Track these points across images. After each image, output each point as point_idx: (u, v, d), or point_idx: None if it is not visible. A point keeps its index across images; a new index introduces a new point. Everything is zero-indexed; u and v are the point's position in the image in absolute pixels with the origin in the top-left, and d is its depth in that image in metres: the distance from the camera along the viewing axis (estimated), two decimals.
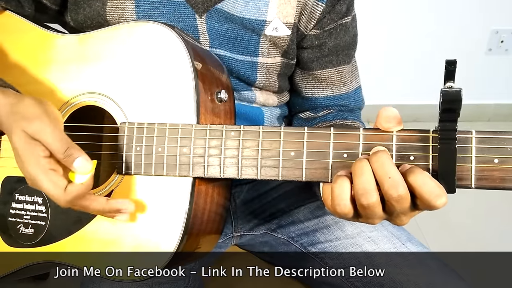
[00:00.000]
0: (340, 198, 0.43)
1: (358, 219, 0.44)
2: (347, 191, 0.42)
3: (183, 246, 0.52)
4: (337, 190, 0.43)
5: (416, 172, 0.40)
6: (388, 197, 0.41)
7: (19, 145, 0.47)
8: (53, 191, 0.47)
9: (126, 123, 0.54)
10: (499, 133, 0.40)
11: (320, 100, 0.71)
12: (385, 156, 0.41)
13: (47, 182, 0.47)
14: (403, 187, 0.40)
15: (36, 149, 0.47)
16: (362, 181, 0.41)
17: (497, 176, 0.40)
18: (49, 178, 0.47)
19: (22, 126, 0.47)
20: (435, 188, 0.40)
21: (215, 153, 0.50)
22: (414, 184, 0.40)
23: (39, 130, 0.47)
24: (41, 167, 0.47)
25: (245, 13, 0.61)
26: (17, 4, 0.62)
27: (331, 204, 0.44)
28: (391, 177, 0.40)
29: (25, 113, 0.48)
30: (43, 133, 0.47)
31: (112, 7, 0.60)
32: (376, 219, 0.43)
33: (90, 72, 0.57)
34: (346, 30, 0.67)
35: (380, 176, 0.41)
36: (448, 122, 0.39)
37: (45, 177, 0.47)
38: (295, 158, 0.47)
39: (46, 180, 0.47)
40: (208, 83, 0.54)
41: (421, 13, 1.82)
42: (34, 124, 0.47)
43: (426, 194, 0.40)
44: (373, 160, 0.42)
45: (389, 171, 0.41)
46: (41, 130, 0.47)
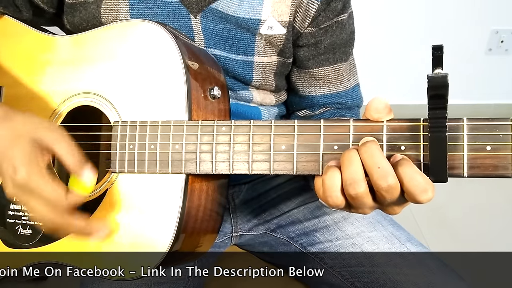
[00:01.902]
0: (331, 189, 0.42)
1: (350, 209, 0.44)
2: (338, 182, 0.42)
3: (177, 244, 0.52)
4: (328, 181, 0.42)
5: (404, 165, 0.40)
6: (378, 187, 0.40)
7: (21, 150, 0.48)
8: (55, 195, 0.48)
9: (119, 122, 0.54)
10: (491, 120, 0.39)
11: (317, 98, 0.71)
12: (374, 147, 0.41)
13: (48, 186, 0.47)
14: (393, 177, 0.40)
15: (42, 157, 0.49)
16: (350, 171, 0.41)
17: (490, 164, 0.39)
18: (50, 184, 0.48)
19: (35, 133, 0.49)
20: (421, 183, 0.39)
21: (206, 148, 0.50)
22: (401, 176, 0.40)
23: (55, 139, 0.49)
24: (43, 173, 0.48)
25: (239, 12, 0.62)
26: (15, 9, 0.63)
27: (323, 196, 0.44)
28: (380, 167, 0.40)
29: (40, 122, 0.50)
30: (59, 144, 0.49)
31: (107, 9, 0.60)
32: (366, 209, 0.42)
33: (84, 72, 0.57)
34: (342, 27, 0.67)
35: (369, 167, 0.40)
36: (438, 110, 0.38)
37: (46, 182, 0.48)
38: (286, 151, 0.46)
39: (47, 185, 0.47)
40: (201, 80, 0.54)
41: (421, 13, 1.82)
42: (52, 133, 0.49)
43: (412, 188, 0.39)
44: (362, 150, 0.41)
45: (378, 161, 0.40)
46: (58, 140, 0.49)
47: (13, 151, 0.48)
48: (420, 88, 1.58)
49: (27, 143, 0.48)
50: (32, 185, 0.47)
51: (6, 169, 0.48)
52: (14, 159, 0.48)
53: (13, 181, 0.48)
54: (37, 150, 0.48)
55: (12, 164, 0.47)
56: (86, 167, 0.49)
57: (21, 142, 0.48)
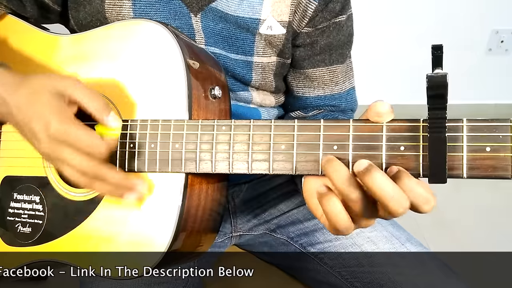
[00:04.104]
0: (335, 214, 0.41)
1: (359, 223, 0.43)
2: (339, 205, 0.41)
3: (177, 243, 0.52)
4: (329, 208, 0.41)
5: (403, 178, 0.39)
6: (394, 214, 0.39)
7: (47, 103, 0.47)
8: (91, 141, 0.46)
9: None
10: (491, 120, 0.39)
11: (311, 100, 0.71)
12: (378, 175, 0.39)
13: (83, 133, 0.46)
14: (407, 200, 0.38)
15: (70, 108, 0.48)
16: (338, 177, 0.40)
17: (489, 165, 0.39)
18: (86, 130, 0.46)
19: (54, 85, 0.48)
20: (422, 194, 0.38)
21: (206, 148, 0.50)
22: (402, 190, 0.39)
23: (74, 87, 0.48)
24: (76, 122, 0.47)
25: (239, 12, 0.62)
26: (19, 4, 0.62)
27: (329, 225, 0.43)
28: (394, 195, 0.38)
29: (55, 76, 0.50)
30: (79, 91, 0.48)
31: (110, 4, 0.61)
32: (370, 220, 0.42)
33: (85, 71, 0.57)
34: (339, 29, 0.66)
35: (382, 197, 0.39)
36: (437, 110, 0.38)
37: (80, 129, 0.46)
38: (285, 151, 0.46)
39: (81, 132, 0.46)
40: (202, 79, 0.54)
41: (421, 13, 1.82)
42: (70, 82, 0.48)
43: (414, 200, 0.38)
44: (366, 180, 0.39)
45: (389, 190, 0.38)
46: (77, 87, 0.48)
47: (39, 107, 0.47)
48: (420, 88, 1.57)
49: (52, 97, 0.47)
50: (68, 134, 0.46)
51: (36, 127, 0.46)
52: (43, 114, 0.46)
53: (48, 135, 0.46)
54: (62, 101, 0.47)
55: (43, 119, 0.46)
56: (111, 112, 0.48)
57: (44, 97, 0.47)
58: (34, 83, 0.49)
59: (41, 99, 0.47)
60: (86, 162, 0.46)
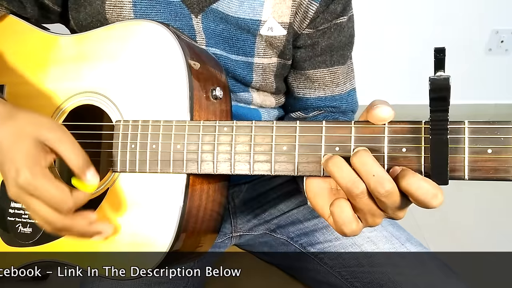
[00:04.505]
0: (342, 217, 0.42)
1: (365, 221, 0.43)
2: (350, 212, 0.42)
3: (178, 244, 0.52)
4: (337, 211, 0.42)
5: (407, 176, 0.39)
6: (376, 195, 0.40)
7: (24, 151, 0.47)
8: (59, 197, 0.46)
9: (121, 121, 0.54)
10: (492, 122, 0.39)
11: (311, 101, 0.71)
12: (365, 155, 0.40)
13: (52, 188, 0.46)
14: (389, 182, 0.39)
15: (46, 157, 0.48)
16: (343, 176, 0.41)
17: (491, 167, 0.39)
18: (55, 185, 0.47)
19: (39, 133, 0.47)
20: (429, 189, 0.38)
21: (208, 149, 0.50)
22: (407, 188, 0.39)
23: (59, 139, 0.48)
24: (47, 174, 0.47)
25: (240, 13, 0.62)
26: (19, 4, 0.62)
27: (336, 228, 0.43)
28: (375, 175, 0.39)
29: (44, 122, 0.49)
30: (63, 144, 0.48)
31: (111, 5, 0.61)
32: (376, 218, 0.42)
33: (86, 71, 0.57)
34: (341, 30, 0.66)
35: (364, 176, 0.40)
36: (439, 113, 0.38)
37: (49, 183, 0.46)
38: (287, 152, 0.46)
39: (50, 187, 0.46)
40: (203, 80, 0.54)
41: (421, 13, 1.82)
42: (56, 133, 0.48)
43: (422, 196, 0.39)
44: (353, 160, 0.41)
45: (372, 168, 0.40)
46: (62, 140, 0.48)
47: (16, 152, 0.47)
48: (420, 88, 1.58)
49: (30, 144, 0.47)
50: (35, 186, 0.46)
51: (8, 171, 0.47)
52: (16, 160, 0.46)
53: (16, 183, 0.46)
54: (41, 150, 0.47)
55: (14, 166, 0.46)
56: (91, 169, 0.49)
57: (24, 143, 0.47)
58: (21, 124, 0.48)
59: (20, 145, 0.47)
60: (52, 214, 0.47)
